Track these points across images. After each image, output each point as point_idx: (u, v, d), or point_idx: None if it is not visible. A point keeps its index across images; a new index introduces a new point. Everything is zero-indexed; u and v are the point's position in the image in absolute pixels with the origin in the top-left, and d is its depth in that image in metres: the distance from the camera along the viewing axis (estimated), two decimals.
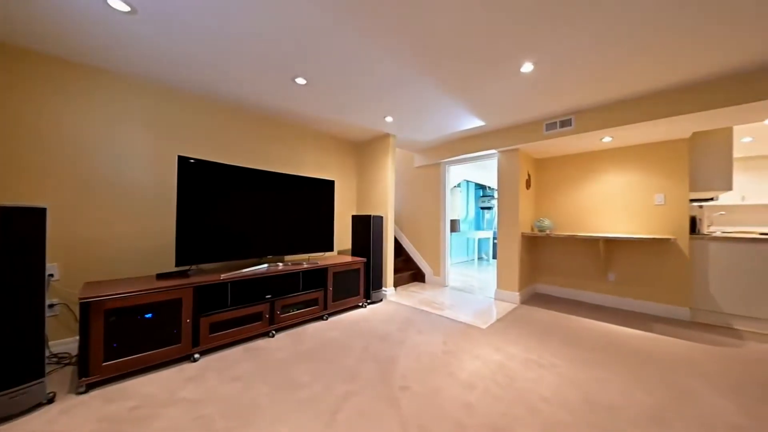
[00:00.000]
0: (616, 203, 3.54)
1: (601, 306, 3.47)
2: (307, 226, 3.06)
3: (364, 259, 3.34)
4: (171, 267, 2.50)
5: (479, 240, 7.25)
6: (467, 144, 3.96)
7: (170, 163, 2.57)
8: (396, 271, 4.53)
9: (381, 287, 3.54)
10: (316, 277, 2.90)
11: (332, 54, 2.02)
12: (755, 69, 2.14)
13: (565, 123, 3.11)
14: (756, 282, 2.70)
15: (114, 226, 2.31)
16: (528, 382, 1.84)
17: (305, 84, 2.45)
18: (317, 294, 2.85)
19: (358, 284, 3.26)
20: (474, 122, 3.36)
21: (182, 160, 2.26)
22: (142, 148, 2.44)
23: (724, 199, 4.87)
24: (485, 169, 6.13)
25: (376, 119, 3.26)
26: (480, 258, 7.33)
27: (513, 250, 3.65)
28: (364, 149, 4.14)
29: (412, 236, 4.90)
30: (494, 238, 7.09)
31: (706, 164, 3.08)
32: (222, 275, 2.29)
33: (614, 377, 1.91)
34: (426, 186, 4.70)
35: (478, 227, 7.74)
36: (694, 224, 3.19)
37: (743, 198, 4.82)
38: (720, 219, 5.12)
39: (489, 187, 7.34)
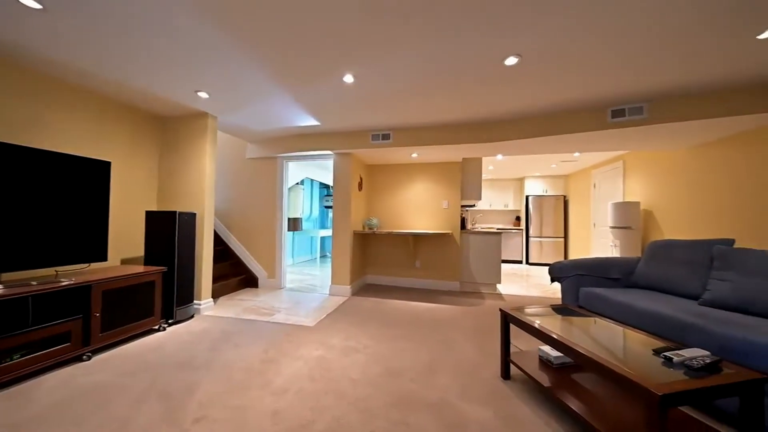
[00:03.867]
0: (420, 206, 4.49)
1: (412, 288, 4.29)
2: (53, 226, 2.02)
3: (163, 269, 2.58)
4: None
5: (323, 238, 7.41)
6: (305, 141, 3.91)
7: None
8: (221, 278, 3.86)
9: (192, 301, 2.87)
10: (68, 300, 1.97)
11: None
12: (481, 123, 3.31)
13: (385, 136, 3.63)
14: (490, 260, 4.11)
15: None
16: (342, 369, 1.95)
17: (42, 9, 1.60)
18: (69, 325, 1.92)
19: (152, 302, 2.49)
20: (310, 120, 3.34)
21: None
22: None
23: (480, 205, 7.27)
24: (327, 170, 6.31)
25: (184, 92, 2.61)
26: (323, 256, 7.51)
27: (346, 247, 3.90)
28: (172, 127, 3.23)
29: (243, 237, 4.34)
30: None
31: (469, 181, 4.43)
32: None
33: (409, 345, 2.34)
34: (260, 181, 4.28)
35: (322, 226, 7.89)
36: (464, 222, 4.51)
37: (490, 205, 7.37)
38: (480, 219, 7.59)
39: (332, 187, 7.64)
